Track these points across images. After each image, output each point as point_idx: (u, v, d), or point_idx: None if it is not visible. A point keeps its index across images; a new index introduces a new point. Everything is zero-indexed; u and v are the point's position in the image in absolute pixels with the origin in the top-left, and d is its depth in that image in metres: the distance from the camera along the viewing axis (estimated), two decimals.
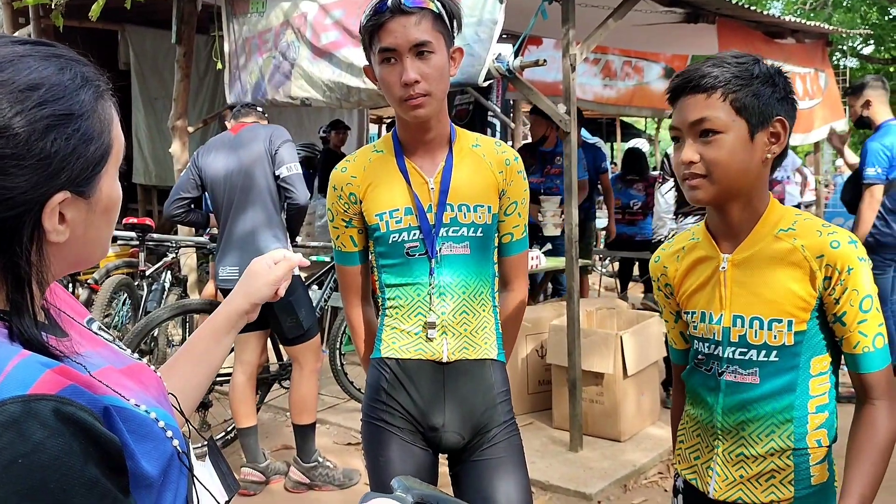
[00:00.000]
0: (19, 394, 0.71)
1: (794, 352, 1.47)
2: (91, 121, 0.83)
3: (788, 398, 1.48)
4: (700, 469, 1.59)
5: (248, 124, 3.69)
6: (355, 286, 1.97)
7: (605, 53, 7.75)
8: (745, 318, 1.49)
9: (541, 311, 4.73)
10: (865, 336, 1.42)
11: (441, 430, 1.84)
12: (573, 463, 3.82)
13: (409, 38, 1.67)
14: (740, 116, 1.42)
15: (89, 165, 0.83)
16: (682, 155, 1.45)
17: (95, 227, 0.88)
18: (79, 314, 1.00)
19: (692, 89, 1.43)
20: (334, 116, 8.15)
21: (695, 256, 1.59)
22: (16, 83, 0.78)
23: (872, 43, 17.64)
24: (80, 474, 0.72)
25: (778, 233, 1.47)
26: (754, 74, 1.42)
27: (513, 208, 1.91)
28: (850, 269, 1.40)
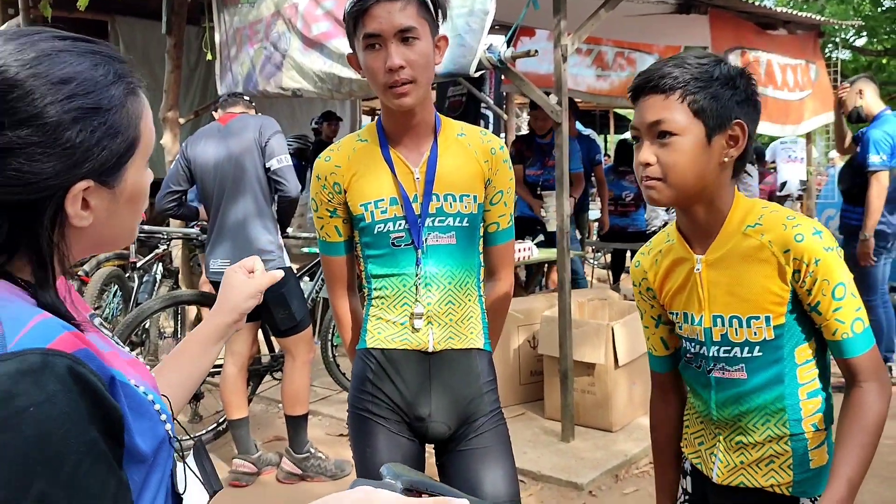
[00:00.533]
0: (40, 346, 0.76)
1: (777, 345, 1.48)
2: (119, 115, 0.88)
3: (778, 389, 1.49)
4: (704, 455, 1.62)
5: (235, 115, 3.67)
6: (340, 276, 1.97)
7: (599, 44, 7.74)
8: (724, 318, 1.51)
9: (533, 301, 4.73)
10: (843, 323, 1.43)
11: (427, 419, 1.84)
12: (565, 453, 3.83)
13: (393, 24, 1.66)
14: (698, 119, 1.41)
15: (114, 157, 0.88)
16: (639, 156, 1.45)
17: (119, 214, 0.93)
18: (83, 307, 1.03)
19: (651, 89, 1.43)
20: (326, 108, 8.13)
21: (671, 258, 1.60)
22: (50, 76, 0.83)
23: (865, 35, 17.67)
24: (83, 433, 0.76)
25: (745, 230, 1.48)
26: (714, 76, 1.42)
27: (498, 197, 1.90)
28: (817, 260, 1.40)
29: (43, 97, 0.82)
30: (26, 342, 0.76)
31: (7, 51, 0.83)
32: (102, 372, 0.81)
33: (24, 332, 0.77)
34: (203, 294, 4.14)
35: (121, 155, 0.89)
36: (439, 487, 1.25)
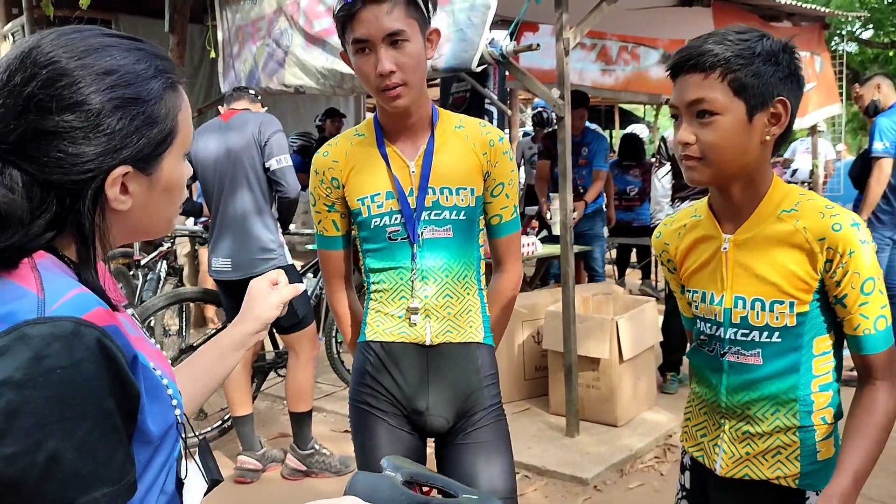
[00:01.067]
0: (75, 315, 0.82)
1: (797, 332, 1.45)
2: (157, 106, 0.94)
3: (792, 378, 1.47)
4: (707, 447, 1.59)
5: (238, 111, 3.64)
6: (338, 271, 1.97)
7: (603, 38, 7.72)
8: (746, 300, 1.48)
9: (537, 297, 4.73)
10: (867, 318, 1.41)
11: (426, 413, 1.84)
12: (569, 448, 3.82)
13: (381, 28, 1.64)
14: (738, 97, 1.37)
15: (151, 145, 0.94)
16: (679, 135, 1.42)
17: (156, 202, 0.98)
18: (118, 299, 1.07)
19: (691, 67, 1.39)
20: (330, 104, 8.13)
21: (697, 235, 1.57)
22: (95, 67, 0.90)
23: (871, 27, 17.57)
24: (101, 402, 0.82)
25: (780, 214, 1.45)
26: (756, 52, 1.37)
27: (499, 189, 1.88)
28: (852, 251, 1.38)
29: (88, 86, 0.89)
30: (64, 310, 0.82)
31: (59, 44, 0.90)
32: (127, 350, 0.86)
33: (63, 301, 0.83)
34: (206, 291, 4.14)
35: (158, 144, 0.95)
36: (439, 479, 1.25)
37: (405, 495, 1.12)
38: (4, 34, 7.97)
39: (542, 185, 6.02)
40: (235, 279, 3.52)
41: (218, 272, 3.59)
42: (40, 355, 0.78)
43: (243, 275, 3.48)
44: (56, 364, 0.79)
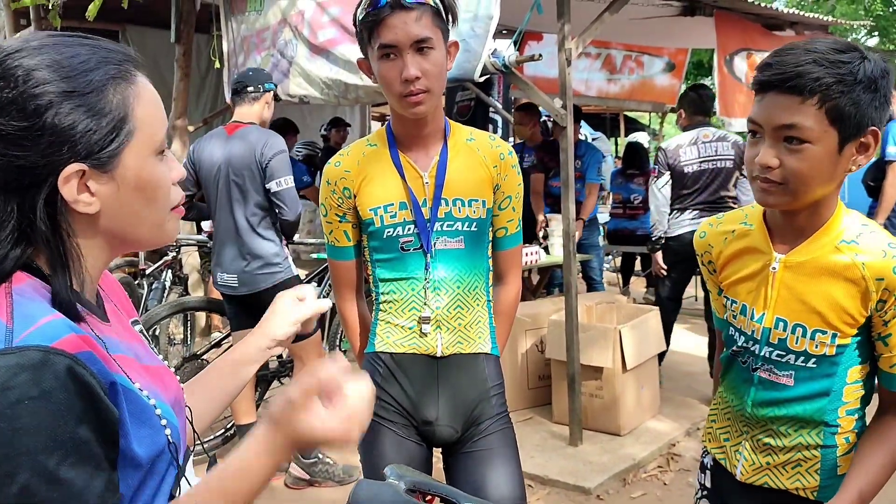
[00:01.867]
0: (44, 344, 0.80)
1: (834, 361, 1.43)
2: (100, 98, 0.90)
3: (821, 402, 1.45)
4: (729, 451, 1.59)
5: (243, 125, 3.56)
6: (348, 280, 1.98)
7: (608, 48, 7.74)
8: (787, 323, 1.43)
9: (540, 306, 4.73)
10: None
11: (435, 423, 1.85)
12: (573, 457, 3.82)
13: (410, 35, 1.66)
14: (834, 126, 1.29)
15: (100, 139, 0.89)
16: (761, 157, 1.32)
17: (129, 203, 0.93)
18: (128, 312, 1.08)
19: (787, 88, 1.28)
20: (336, 114, 8.16)
21: (744, 244, 1.51)
22: (27, 66, 0.87)
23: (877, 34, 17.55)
24: (74, 431, 0.79)
25: (839, 244, 1.38)
26: (858, 78, 1.27)
27: (507, 203, 1.91)
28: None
29: (21, 84, 0.86)
30: (32, 339, 0.80)
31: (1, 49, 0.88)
32: (104, 376, 0.84)
33: (32, 329, 0.81)
34: (210, 300, 4.16)
35: (108, 137, 0.90)
36: (442, 488, 1.26)
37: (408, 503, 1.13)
38: None
39: (536, 199, 5.91)
40: (243, 294, 3.54)
41: (224, 286, 3.60)
42: (6, 387, 0.76)
43: (250, 290, 3.50)
44: (23, 395, 0.77)
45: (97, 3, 4.06)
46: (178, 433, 0.99)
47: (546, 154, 5.96)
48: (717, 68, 4.90)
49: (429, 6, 1.69)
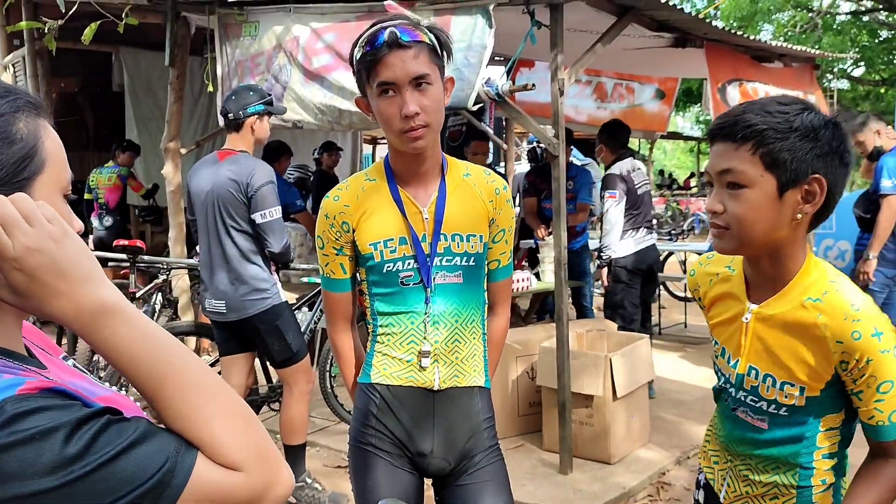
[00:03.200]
0: (9, 395, 0.76)
1: (805, 411, 1.45)
2: (8, 123, 0.86)
3: (795, 447, 1.47)
4: (717, 473, 1.65)
5: (234, 153, 3.52)
6: (343, 312, 1.98)
7: (599, 76, 7.83)
8: (759, 371, 1.47)
9: (531, 332, 4.74)
10: (881, 412, 1.38)
11: (429, 455, 1.86)
12: (563, 485, 3.81)
13: (408, 72, 1.69)
14: (770, 172, 1.34)
15: (9, 165, 0.85)
16: (708, 203, 1.41)
17: None
18: (54, 351, 1.03)
19: (725, 136, 1.37)
20: (328, 138, 8.19)
21: (726, 289, 1.56)
22: None
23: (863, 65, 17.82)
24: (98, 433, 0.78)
25: (805, 301, 1.41)
26: (794, 126, 1.33)
27: (501, 236, 1.94)
28: (870, 360, 1.35)
29: None
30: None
31: None
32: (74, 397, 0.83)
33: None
34: (199, 325, 4.14)
35: (17, 165, 0.85)
36: None
37: None
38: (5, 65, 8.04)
39: (531, 219, 6.11)
40: (232, 320, 3.53)
41: (212, 312, 3.58)
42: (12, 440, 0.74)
43: (238, 316, 3.49)
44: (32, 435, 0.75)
45: (93, 28, 4.07)
46: None
47: (538, 177, 6.05)
48: (711, 98, 4.97)
49: (425, 44, 1.71)
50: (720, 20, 16.62)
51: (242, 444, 0.85)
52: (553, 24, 3.84)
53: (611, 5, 4.15)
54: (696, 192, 18.53)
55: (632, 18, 4.25)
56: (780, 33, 16.81)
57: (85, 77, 9.16)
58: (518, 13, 3.92)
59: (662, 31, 4.84)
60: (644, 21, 4.49)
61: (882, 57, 16.72)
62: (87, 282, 0.82)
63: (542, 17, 3.90)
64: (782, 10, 17.07)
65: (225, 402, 0.87)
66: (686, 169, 30.86)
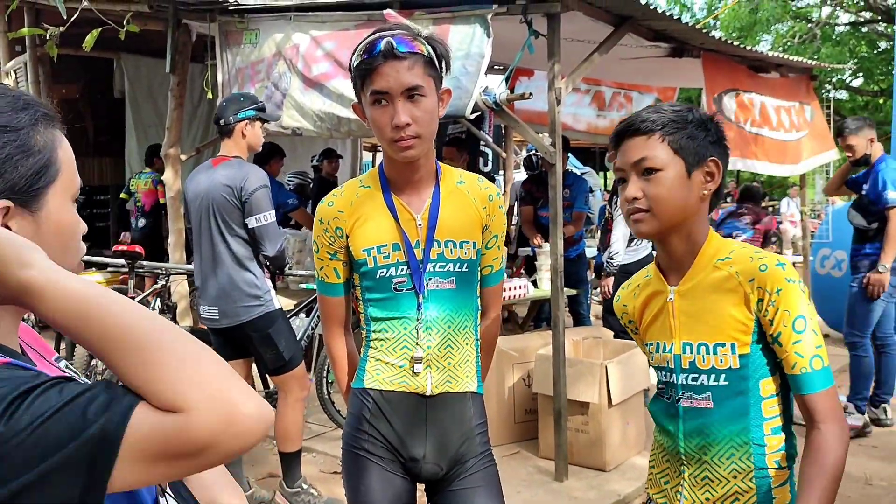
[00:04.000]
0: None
1: (742, 375, 1.55)
2: (29, 136, 0.93)
3: (743, 421, 1.55)
4: (669, 493, 1.67)
5: (228, 158, 3.54)
6: (337, 316, 2.01)
7: (598, 85, 7.86)
8: (693, 345, 1.59)
9: (528, 340, 4.75)
10: (802, 357, 1.49)
11: (421, 461, 1.88)
12: (558, 492, 3.82)
13: (401, 82, 1.72)
14: (678, 155, 1.54)
15: (28, 176, 0.92)
16: (627, 192, 1.56)
17: (47, 246, 0.89)
18: (47, 353, 1.07)
19: (634, 132, 1.56)
20: (327, 145, 8.22)
21: (649, 292, 1.70)
22: None
23: (861, 75, 17.87)
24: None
25: (716, 262, 1.58)
26: (689, 119, 1.55)
27: (493, 241, 1.97)
28: (779, 289, 1.49)
29: None
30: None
31: None
32: None
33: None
34: (197, 330, 4.16)
35: (35, 175, 0.92)
36: None
37: None
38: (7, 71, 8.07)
39: (528, 227, 6.15)
40: (225, 327, 3.55)
41: (207, 319, 3.60)
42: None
43: (231, 322, 3.50)
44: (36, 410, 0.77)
45: (94, 34, 4.09)
46: None
47: (534, 186, 6.08)
48: (707, 108, 5.00)
49: (421, 55, 1.74)
50: (719, 30, 16.69)
51: (185, 383, 0.81)
52: (550, 34, 3.87)
53: (608, 15, 4.19)
54: None
55: (629, 28, 4.29)
56: (779, 44, 16.87)
57: (86, 83, 9.19)
58: (516, 23, 3.95)
59: (659, 41, 4.88)
60: (641, 31, 4.53)
61: (881, 68, 16.77)
62: (9, 266, 0.83)
63: (540, 26, 3.93)
64: (781, 20, 17.13)
65: (167, 350, 0.83)
66: None
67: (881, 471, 4.22)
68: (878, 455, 4.46)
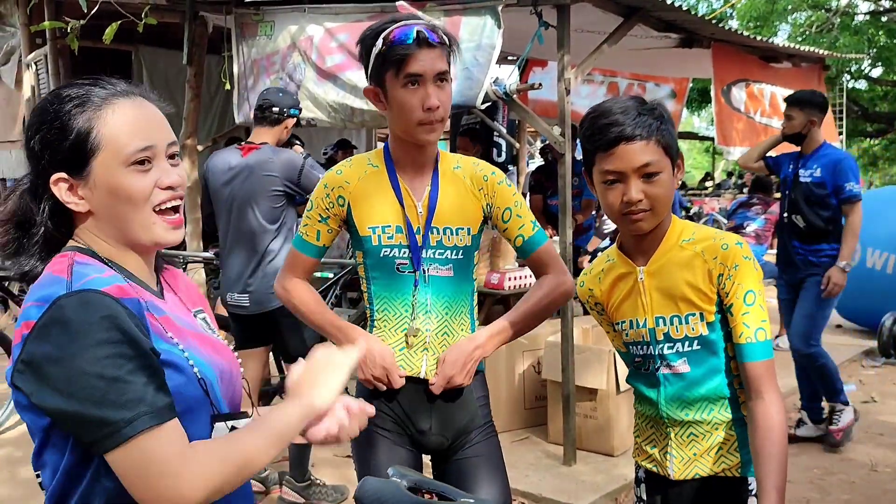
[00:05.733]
0: (93, 288, 1.11)
1: (710, 339, 1.71)
2: (68, 120, 1.18)
3: (717, 378, 1.72)
4: (658, 457, 1.78)
5: (257, 146, 3.59)
6: (302, 270, 2.06)
7: (614, 76, 7.88)
8: (665, 318, 1.73)
9: (538, 328, 4.80)
10: (748, 327, 1.64)
11: (427, 433, 1.98)
12: (566, 476, 3.90)
13: (434, 67, 1.83)
14: (667, 155, 1.66)
15: (69, 150, 1.18)
16: (630, 195, 1.64)
17: (108, 206, 1.19)
18: (193, 302, 1.37)
19: (633, 138, 1.62)
20: (342, 136, 8.30)
21: (615, 275, 1.82)
22: (30, 117, 1.22)
23: (880, 65, 17.67)
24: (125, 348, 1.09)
25: (682, 243, 1.73)
26: (665, 118, 1.67)
27: (508, 214, 1.99)
28: (737, 265, 1.65)
29: (26, 130, 1.23)
30: (84, 286, 1.10)
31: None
32: (139, 314, 1.13)
33: (83, 281, 1.11)
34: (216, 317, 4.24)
35: (75, 149, 1.17)
36: (441, 486, 1.39)
37: (409, 498, 1.26)
38: (27, 63, 8.20)
39: (537, 216, 6.20)
40: (252, 314, 3.61)
41: (234, 306, 3.64)
42: (69, 318, 1.06)
43: (261, 309, 3.55)
44: (83, 323, 1.06)
45: (114, 27, 4.17)
46: (217, 391, 1.23)
47: (543, 175, 6.13)
48: (715, 99, 5.02)
49: (445, 45, 1.86)
50: (736, 20, 16.57)
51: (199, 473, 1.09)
52: (560, 25, 3.92)
53: (617, 6, 4.22)
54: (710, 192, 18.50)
55: (639, 19, 4.33)
56: (796, 33, 16.74)
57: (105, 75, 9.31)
58: (526, 13, 4.00)
59: (669, 32, 4.91)
60: (651, 22, 4.56)
61: None
62: None
63: (550, 17, 3.98)
64: (799, 9, 16.99)
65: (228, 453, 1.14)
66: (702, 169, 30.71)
67: (886, 457, 4.26)
68: (885, 442, 4.50)
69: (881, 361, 6.40)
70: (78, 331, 1.06)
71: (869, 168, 24.48)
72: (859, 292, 6.91)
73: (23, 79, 8.69)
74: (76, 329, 1.06)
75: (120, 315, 1.09)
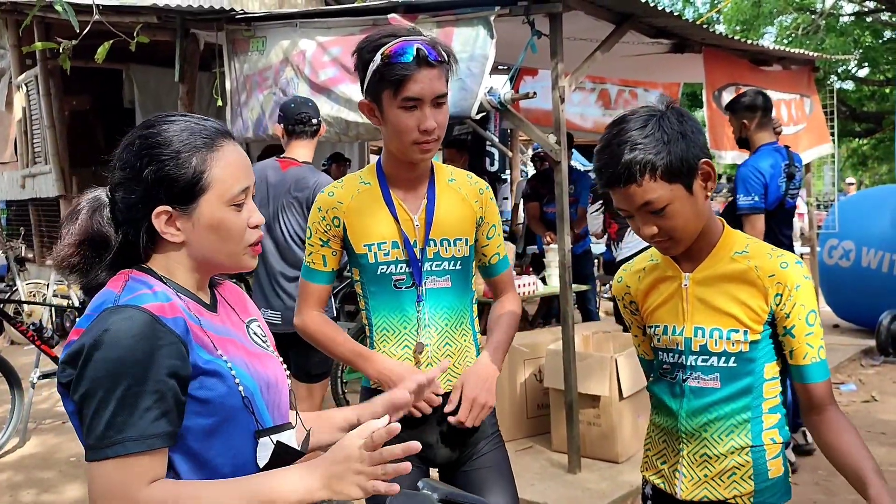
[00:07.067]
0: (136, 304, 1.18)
1: (750, 357, 1.62)
2: (180, 162, 1.25)
3: (745, 399, 1.63)
4: (667, 473, 1.72)
5: (298, 164, 3.51)
6: (317, 301, 2.03)
7: (603, 83, 7.92)
8: (705, 329, 1.64)
9: (538, 336, 4.81)
10: (812, 347, 1.59)
11: (435, 445, 1.96)
12: (571, 484, 3.88)
13: (433, 90, 1.79)
14: (675, 183, 1.53)
15: (180, 189, 1.25)
16: (643, 231, 1.58)
17: (205, 237, 1.28)
18: (244, 314, 1.44)
19: (623, 183, 1.53)
20: (336, 149, 8.30)
21: (655, 276, 1.74)
22: (141, 145, 1.27)
23: (867, 65, 17.81)
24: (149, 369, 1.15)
25: (734, 255, 1.64)
26: (665, 140, 1.51)
27: (493, 231, 2.04)
28: (798, 286, 1.58)
29: (132, 154, 1.27)
30: (130, 302, 1.18)
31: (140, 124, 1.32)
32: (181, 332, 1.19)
33: (131, 297, 1.19)
34: None
35: (186, 189, 1.25)
36: (470, 497, 1.38)
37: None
38: (18, 84, 8.19)
39: (535, 224, 6.21)
40: (283, 332, 3.54)
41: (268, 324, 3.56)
42: (108, 328, 1.14)
43: (290, 328, 3.49)
44: (112, 328, 1.14)
45: (106, 47, 4.17)
46: (260, 402, 1.29)
47: (538, 183, 6.15)
48: (706, 103, 5.04)
49: (445, 63, 1.82)
50: (723, 24, 16.68)
51: None
52: (552, 34, 3.93)
53: (609, 13, 4.24)
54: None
55: (630, 26, 4.35)
56: (782, 36, 16.86)
57: (96, 94, 9.31)
58: (519, 23, 4.01)
59: (661, 38, 4.93)
60: (642, 28, 4.58)
61: (886, 57, 16.73)
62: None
63: (542, 26, 3.99)
64: (784, 12, 17.12)
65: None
66: None
67: (890, 456, 4.26)
68: (887, 441, 4.50)
69: (880, 360, 6.43)
70: (107, 342, 1.14)
71: (859, 168, 24.64)
72: (856, 292, 6.96)
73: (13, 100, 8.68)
74: (107, 341, 1.14)
75: (149, 335, 1.15)
